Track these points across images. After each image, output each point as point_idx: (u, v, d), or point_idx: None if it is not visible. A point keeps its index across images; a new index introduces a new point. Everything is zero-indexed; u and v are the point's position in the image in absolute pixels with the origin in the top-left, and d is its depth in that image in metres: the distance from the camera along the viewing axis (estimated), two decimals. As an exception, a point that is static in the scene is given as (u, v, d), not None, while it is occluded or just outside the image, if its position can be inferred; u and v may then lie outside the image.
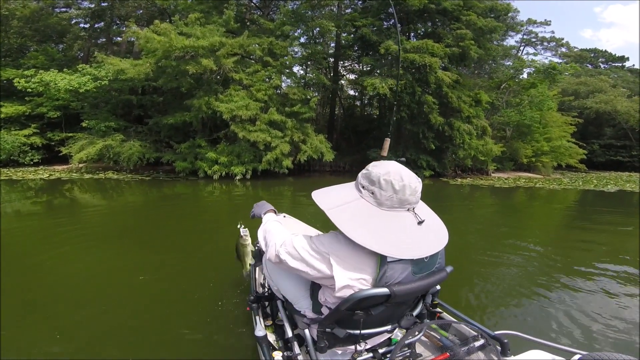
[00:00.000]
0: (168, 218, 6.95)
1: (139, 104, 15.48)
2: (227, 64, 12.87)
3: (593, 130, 30.48)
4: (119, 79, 13.86)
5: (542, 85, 20.21)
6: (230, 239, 2.69)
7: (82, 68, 14.39)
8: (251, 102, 12.80)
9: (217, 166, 12.52)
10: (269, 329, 1.86)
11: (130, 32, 14.08)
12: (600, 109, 28.69)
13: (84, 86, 13.72)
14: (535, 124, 20.86)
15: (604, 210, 9.73)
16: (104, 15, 19.02)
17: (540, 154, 21.48)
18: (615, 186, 15.85)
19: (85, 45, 19.74)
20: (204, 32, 12.81)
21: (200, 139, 13.43)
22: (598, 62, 39.84)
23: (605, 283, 3.75)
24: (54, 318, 2.73)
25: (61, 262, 4.00)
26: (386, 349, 1.53)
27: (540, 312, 3.04)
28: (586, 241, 5.84)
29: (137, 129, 14.68)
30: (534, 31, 29.70)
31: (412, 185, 1.25)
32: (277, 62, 14.13)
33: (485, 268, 4.23)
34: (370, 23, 15.78)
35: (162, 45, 12.12)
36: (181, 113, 13.13)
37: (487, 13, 17.00)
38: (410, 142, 16.91)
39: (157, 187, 10.94)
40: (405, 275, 1.22)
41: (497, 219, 8.31)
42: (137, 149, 13.27)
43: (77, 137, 14.01)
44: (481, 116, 17.33)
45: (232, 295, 3.08)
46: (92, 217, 6.68)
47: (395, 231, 1.21)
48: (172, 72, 12.84)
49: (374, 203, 1.26)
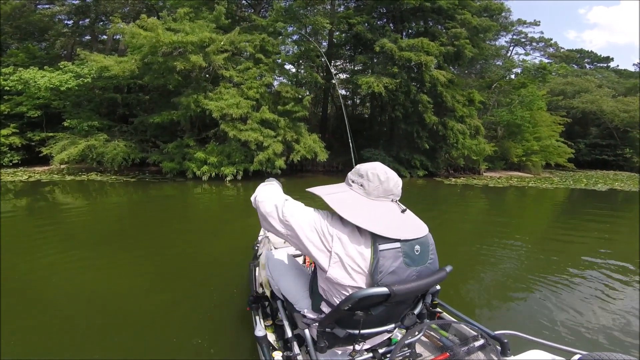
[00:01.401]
0: (157, 220, 6.70)
1: (124, 102, 14.68)
2: (217, 61, 12.19)
3: (579, 130, 30.53)
4: (103, 77, 13.10)
5: (532, 85, 20.20)
6: (223, 240, 3.02)
7: (64, 65, 13.62)
8: (242, 100, 12.12)
9: (206, 167, 11.83)
10: (269, 329, 1.84)
11: (115, 27, 13.27)
12: (587, 108, 28.82)
13: (65, 84, 12.95)
14: (526, 123, 20.79)
15: (598, 209, 9.83)
16: (89, 12, 18.15)
17: (530, 153, 21.34)
18: (605, 185, 15.93)
19: (69, 43, 18.82)
20: (193, 27, 12.10)
21: (189, 138, 12.68)
22: (584, 62, 40.23)
23: (606, 282, 3.72)
24: (46, 326, 2.61)
25: (44, 270, 3.71)
26: (386, 349, 1.52)
27: (540, 312, 2.98)
28: (585, 240, 5.79)
29: (122, 129, 13.88)
30: (524, 31, 29.72)
31: (395, 178, 1.38)
32: (270, 60, 13.50)
33: (485, 268, 4.20)
34: (365, 21, 15.31)
35: (149, 40, 11.37)
36: (168, 112, 12.37)
37: (480, 12, 16.70)
38: (404, 142, 16.59)
39: (143, 189, 10.37)
40: (398, 265, 1.24)
41: (495, 218, 8.20)
42: (121, 149, 12.49)
43: (58, 137, 13.16)
44: (474, 116, 17.11)
45: (232, 296, 3.05)
46: (75, 221, 6.32)
47: (382, 214, 1.31)
48: (159, 69, 12.08)
49: (362, 193, 1.37)
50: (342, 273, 1.24)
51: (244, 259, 3.53)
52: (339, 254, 1.24)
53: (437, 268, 1.37)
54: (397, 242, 1.25)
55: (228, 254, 4.45)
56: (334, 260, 1.24)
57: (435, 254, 1.39)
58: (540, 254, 4.81)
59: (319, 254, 1.28)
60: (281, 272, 1.74)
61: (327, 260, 1.26)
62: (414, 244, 1.29)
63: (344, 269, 1.24)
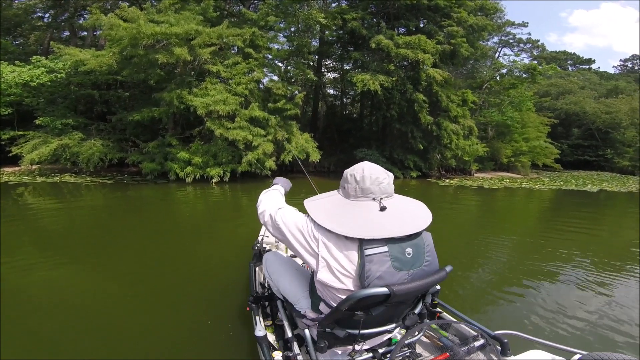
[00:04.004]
0: (145, 224, 6.31)
1: (102, 99, 13.40)
2: (203, 55, 11.11)
3: (561, 131, 30.52)
4: (79, 72, 11.88)
5: (521, 86, 19.88)
6: (218, 242, 3.36)
7: (36, 60, 12.31)
8: (230, 96, 11.02)
9: (190, 167, 10.72)
10: (269, 329, 1.80)
11: (92, 19, 12.03)
12: (570, 109, 28.83)
13: (37, 79, 11.68)
14: (515, 124, 20.59)
15: (596, 209, 9.99)
16: (67, 5, 16.80)
17: (519, 154, 21.14)
18: (594, 186, 15.88)
19: (44, 38, 17.42)
20: (178, 19, 10.95)
21: (171, 137, 11.47)
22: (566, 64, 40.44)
23: (606, 283, 3.63)
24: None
25: (25, 279, 3.33)
26: (386, 349, 1.48)
27: (541, 312, 2.90)
28: (585, 240, 5.67)
29: (99, 127, 12.58)
30: (512, 32, 29.48)
31: (373, 176, 1.32)
32: (260, 55, 12.47)
33: (486, 268, 4.12)
34: (360, 17, 14.46)
35: (129, 32, 10.22)
36: (149, 109, 11.15)
37: (475, 12, 16.07)
38: (397, 142, 15.90)
39: (122, 191, 9.37)
40: (386, 270, 1.20)
41: (496, 218, 8.14)
42: (98, 149, 11.22)
43: (29, 136, 11.84)
44: (467, 116, 16.54)
45: (231, 296, 2.98)
46: (55, 227, 5.67)
47: (358, 215, 1.27)
48: (139, 63, 10.90)
49: (343, 195, 1.39)
50: (330, 276, 1.23)
51: (242, 259, 3.55)
52: (325, 258, 1.23)
53: (435, 269, 1.32)
54: (384, 246, 1.21)
55: (226, 255, 4.39)
56: (322, 264, 1.24)
57: (434, 255, 1.34)
58: (541, 255, 4.66)
59: (309, 258, 1.29)
60: (281, 273, 1.72)
61: (316, 263, 1.25)
62: (405, 246, 1.24)
63: (331, 272, 1.23)
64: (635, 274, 3.95)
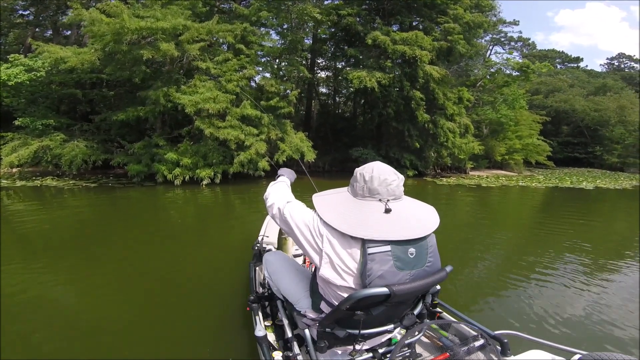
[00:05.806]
0: (137, 228, 6.05)
1: (86, 98, 12.61)
2: (191, 51, 10.43)
3: (551, 129, 30.40)
4: (61, 71, 11.14)
5: (514, 83, 19.65)
6: (215, 243, 3.74)
7: (13, 58, 11.51)
8: (220, 94, 10.32)
9: (178, 169, 10.02)
10: (269, 329, 1.78)
11: (74, 14, 11.25)
12: (560, 107, 28.77)
13: (14, 78, 10.89)
14: (509, 122, 20.35)
15: (594, 207, 9.94)
16: (49, 3, 15.93)
17: (512, 152, 20.90)
18: (589, 183, 15.81)
19: (27, 36, 16.49)
20: (165, 13, 10.24)
21: (158, 137, 10.73)
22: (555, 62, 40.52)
23: (607, 282, 3.57)
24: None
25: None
26: (386, 349, 1.45)
27: (541, 312, 2.85)
28: (585, 239, 5.49)
29: (83, 127, 11.81)
30: (504, 30, 29.28)
31: (381, 177, 1.28)
32: (252, 51, 11.82)
33: (486, 268, 4.10)
34: (356, 12, 13.90)
35: (112, 27, 9.51)
36: (134, 108, 10.43)
37: (471, 9, 15.61)
38: (393, 140, 15.40)
39: (107, 194, 8.76)
40: (388, 269, 1.18)
41: (496, 218, 7.96)
42: (81, 150, 10.45)
43: (8, 138, 11.07)
44: (463, 114, 16.14)
45: (231, 296, 2.93)
46: (31, 234, 5.17)
47: (363, 214, 1.24)
48: (123, 59, 10.17)
49: (351, 193, 1.35)
50: (333, 273, 1.21)
51: (242, 260, 3.51)
52: (328, 254, 1.21)
53: (437, 269, 1.29)
54: (387, 246, 1.19)
55: (225, 256, 4.32)
56: (325, 260, 1.22)
57: (436, 256, 1.31)
58: (541, 254, 4.59)
59: (313, 253, 1.27)
60: (281, 273, 1.69)
61: (319, 259, 1.23)
62: (408, 246, 1.22)
63: (334, 269, 1.21)
64: (636, 273, 3.91)
